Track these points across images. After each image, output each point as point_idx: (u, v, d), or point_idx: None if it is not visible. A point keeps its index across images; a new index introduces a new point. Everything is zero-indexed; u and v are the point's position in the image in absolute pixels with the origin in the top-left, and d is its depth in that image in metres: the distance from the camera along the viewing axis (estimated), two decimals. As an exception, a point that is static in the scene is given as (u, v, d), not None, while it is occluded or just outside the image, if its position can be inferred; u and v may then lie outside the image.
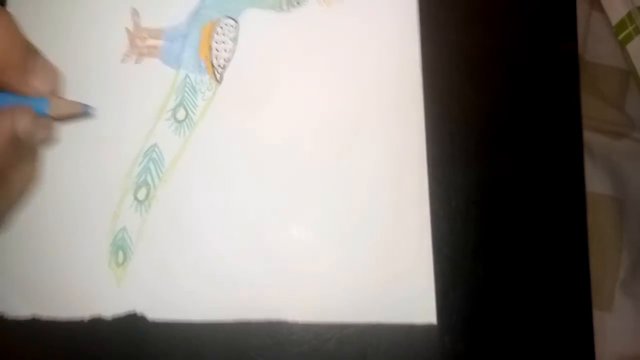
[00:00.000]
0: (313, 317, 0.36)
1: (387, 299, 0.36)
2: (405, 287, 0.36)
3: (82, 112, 0.36)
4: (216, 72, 0.38)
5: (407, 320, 0.36)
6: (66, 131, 0.37)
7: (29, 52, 0.33)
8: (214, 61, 0.38)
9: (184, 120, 0.37)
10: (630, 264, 0.40)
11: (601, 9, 0.44)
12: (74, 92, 0.37)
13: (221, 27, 0.38)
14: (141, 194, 0.37)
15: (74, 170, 0.37)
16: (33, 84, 0.32)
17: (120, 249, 0.36)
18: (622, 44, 0.44)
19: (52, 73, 0.34)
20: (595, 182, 0.41)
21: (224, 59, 0.38)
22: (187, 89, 0.38)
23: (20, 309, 0.35)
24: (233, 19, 0.38)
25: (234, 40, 0.38)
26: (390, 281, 0.36)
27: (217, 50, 0.38)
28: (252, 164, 0.37)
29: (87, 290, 0.36)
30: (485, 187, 0.38)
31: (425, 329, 0.36)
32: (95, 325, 0.35)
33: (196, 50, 0.38)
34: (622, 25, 0.44)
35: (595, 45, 0.44)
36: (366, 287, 0.36)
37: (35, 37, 0.38)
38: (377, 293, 0.36)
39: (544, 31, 0.40)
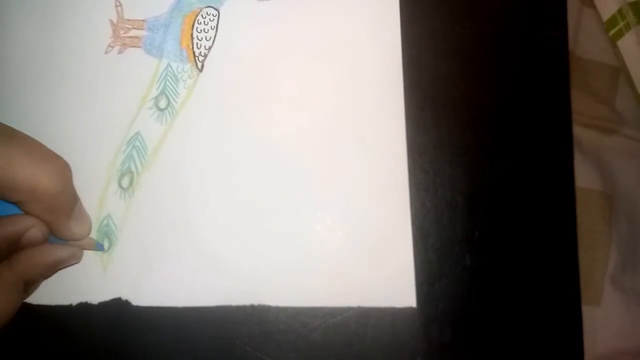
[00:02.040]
0: (296, 302, 0.36)
1: (368, 284, 0.36)
2: (385, 272, 0.36)
3: (94, 249, 0.36)
4: (197, 61, 0.38)
5: (387, 304, 0.36)
6: (52, 123, 0.37)
7: (76, 200, 0.34)
8: (196, 50, 0.38)
9: (165, 108, 0.38)
10: (619, 259, 0.40)
11: (592, 5, 0.44)
12: (58, 83, 0.38)
13: (203, 17, 0.39)
14: (125, 182, 0.37)
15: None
16: (74, 230, 0.33)
17: (106, 236, 0.36)
18: (613, 40, 0.44)
19: (88, 222, 0.35)
20: (585, 177, 0.41)
21: (205, 48, 0.38)
22: (168, 78, 0.38)
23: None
24: (214, 8, 0.39)
25: (215, 29, 0.39)
26: (371, 267, 0.36)
27: (199, 39, 0.38)
28: (233, 150, 0.37)
29: (75, 276, 0.36)
30: (472, 179, 0.38)
31: (411, 318, 0.36)
32: (83, 310, 0.35)
33: (178, 40, 0.39)
34: (613, 21, 0.44)
35: (586, 41, 0.44)
36: (348, 272, 0.36)
37: (20, 29, 0.38)
38: (358, 278, 0.36)
39: (534, 19, 0.40)
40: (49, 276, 0.34)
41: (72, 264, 0.35)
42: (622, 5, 0.43)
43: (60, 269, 0.34)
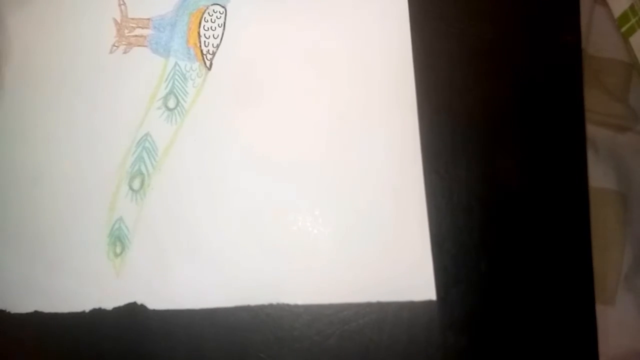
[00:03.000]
0: (314, 300, 0.35)
1: (386, 280, 0.36)
2: (404, 267, 0.36)
3: None
4: (205, 59, 0.38)
5: (406, 297, 0.35)
6: (59, 125, 0.37)
7: None
8: (203, 48, 0.38)
9: (175, 108, 0.37)
10: (634, 259, 0.40)
11: (604, 2, 0.44)
12: (61, 84, 0.37)
13: (210, 14, 0.38)
14: (136, 184, 0.36)
15: (68, 165, 0.37)
16: None
17: (118, 240, 0.36)
18: (625, 37, 0.43)
19: None
20: (599, 176, 0.41)
21: (213, 46, 0.38)
22: (177, 77, 0.38)
23: (22, 304, 0.35)
24: (221, 6, 0.38)
25: (222, 26, 0.38)
26: (389, 263, 0.36)
27: (206, 37, 0.38)
28: (246, 149, 0.37)
29: (87, 282, 0.36)
30: (488, 182, 0.37)
31: (427, 325, 0.35)
32: (96, 316, 0.35)
33: (185, 38, 0.38)
34: (625, 17, 0.43)
35: (598, 39, 0.43)
36: (366, 269, 0.36)
37: (23, 31, 0.38)
38: (376, 275, 0.36)
39: (547, 24, 0.40)
40: None
41: None
42: (634, 2, 0.43)
43: None
